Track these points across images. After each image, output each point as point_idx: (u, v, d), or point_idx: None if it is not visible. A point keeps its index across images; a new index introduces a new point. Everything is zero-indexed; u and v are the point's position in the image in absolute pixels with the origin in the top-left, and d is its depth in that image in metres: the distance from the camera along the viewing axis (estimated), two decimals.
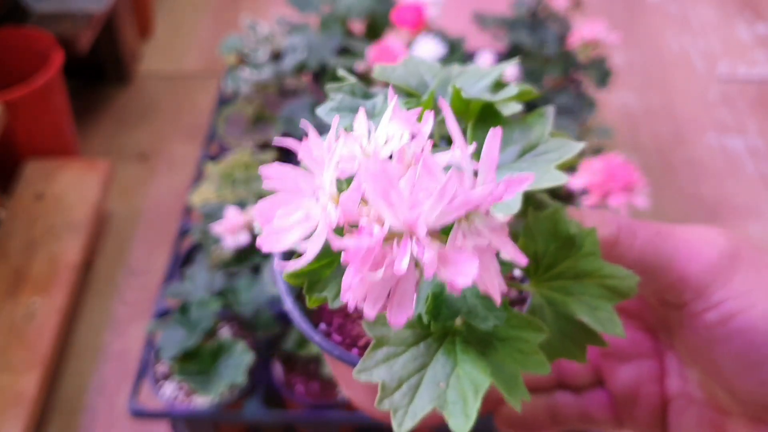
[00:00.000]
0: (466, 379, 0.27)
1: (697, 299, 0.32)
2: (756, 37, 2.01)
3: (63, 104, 1.46)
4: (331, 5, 1.35)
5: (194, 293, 0.99)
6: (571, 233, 0.30)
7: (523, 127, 0.30)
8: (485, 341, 0.28)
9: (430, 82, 0.34)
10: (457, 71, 0.35)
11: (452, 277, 0.23)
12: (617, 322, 0.29)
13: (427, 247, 0.22)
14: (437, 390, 0.27)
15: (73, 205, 1.32)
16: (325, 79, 1.27)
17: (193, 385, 0.93)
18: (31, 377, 1.07)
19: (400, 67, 0.35)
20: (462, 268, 0.23)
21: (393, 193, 0.23)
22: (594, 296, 0.30)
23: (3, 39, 1.46)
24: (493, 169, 0.24)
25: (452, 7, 1.52)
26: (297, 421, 1.00)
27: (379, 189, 0.23)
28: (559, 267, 0.30)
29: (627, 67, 1.87)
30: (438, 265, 0.23)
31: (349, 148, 0.26)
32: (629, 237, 0.32)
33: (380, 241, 0.23)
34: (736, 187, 1.58)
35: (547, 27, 1.40)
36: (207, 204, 1.12)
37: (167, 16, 2.06)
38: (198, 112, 1.71)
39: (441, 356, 0.28)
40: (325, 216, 0.24)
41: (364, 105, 0.32)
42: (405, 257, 0.22)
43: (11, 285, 1.19)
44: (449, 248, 0.23)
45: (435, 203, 0.22)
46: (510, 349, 0.28)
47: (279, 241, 0.25)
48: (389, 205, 0.23)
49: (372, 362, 0.29)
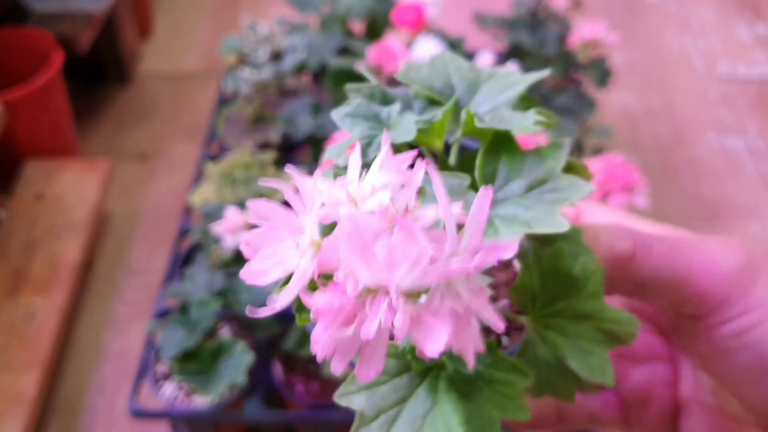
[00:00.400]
0: (441, 421, 0.27)
1: (714, 313, 0.32)
2: (756, 37, 2.01)
3: (63, 104, 1.46)
4: (331, 5, 1.35)
5: (194, 293, 0.99)
6: (573, 273, 0.29)
7: (536, 157, 0.29)
8: (470, 380, 0.28)
9: (457, 84, 0.33)
10: (486, 74, 0.34)
11: (422, 342, 0.22)
12: (608, 371, 0.28)
13: (400, 311, 0.22)
14: (413, 427, 0.27)
15: (73, 205, 1.33)
16: (326, 79, 1.27)
17: (193, 385, 0.93)
18: (31, 377, 1.07)
19: (426, 67, 0.34)
20: (433, 335, 0.22)
21: (368, 252, 0.22)
22: (589, 340, 0.29)
23: (3, 39, 1.46)
24: (479, 232, 0.23)
25: (452, 7, 1.52)
26: (297, 421, 1.00)
27: (356, 246, 0.22)
28: (558, 305, 0.29)
29: (627, 67, 1.87)
30: (410, 327, 0.22)
31: (335, 193, 0.25)
32: (645, 252, 0.32)
33: (352, 300, 0.22)
34: (736, 187, 1.58)
35: (547, 27, 1.40)
36: (207, 204, 1.12)
37: (167, 16, 2.06)
38: (198, 112, 1.72)
39: (422, 392, 0.28)
40: (300, 269, 0.24)
41: (380, 112, 0.31)
42: (375, 321, 0.22)
43: (11, 285, 1.19)
44: (424, 311, 0.22)
45: (410, 269, 0.22)
46: (493, 391, 0.28)
47: (259, 279, 0.25)
48: (365, 263, 0.22)
49: (354, 387, 0.28)
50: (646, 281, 0.31)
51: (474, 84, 0.34)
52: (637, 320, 0.29)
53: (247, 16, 1.33)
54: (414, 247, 0.22)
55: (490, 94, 0.33)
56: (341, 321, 0.23)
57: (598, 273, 0.29)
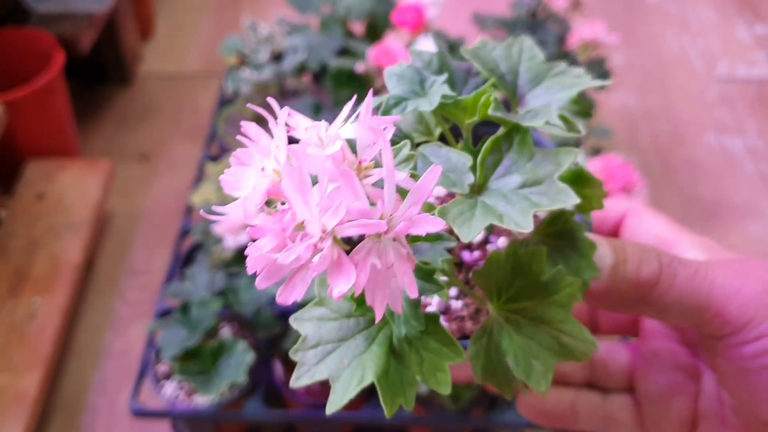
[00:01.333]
0: (360, 367, 0.29)
1: (736, 334, 0.32)
2: (755, 38, 2.01)
3: (64, 104, 1.46)
4: (332, 6, 1.36)
5: (195, 293, 0.99)
6: (543, 278, 0.30)
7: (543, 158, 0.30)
8: (407, 342, 0.30)
9: (522, 73, 0.34)
10: (557, 71, 0.34)
11: (333, 283, 0.24)
12: (546, 380, 0.29)
13: (325, 250, 0.24)
14: (340, 364, 0.29)
15: (74, 205, 1.33)
16: (326, 79, 1.27)
17: (194, 385, 0.93)
18: (33, 377, 1.07)
19: (500, 49, 0.35)
20: (343, 279, 0.24)
21: (306, 189, 0.24)
22: (542, 345, 0.30)
23: (4, 39, 1.46)
24: (419, 201, 0.25)
25: (452, 8, 1.52)
26: (297, 420, 1.00)
27: (295, 181, 0.24)
28: (523, 302, 0.30)
29: (626, 67, 1.87)
30: (329, 268, 0.24)
31: (309, 132, 0.26)
32: (669, 277, 0.32)
33: (287, 229, 0.24)
34: (735, 187, 1.58)
35: (547, 28, 1.41)
36: (208, 204, 1.13)
37: (168, 17, 2.07)
38: (199, 112, 1.72)
39: (360, 337, 0.30)
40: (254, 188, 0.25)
41: (427, 78, 0.32)
42: (293, 252, 0.24)
43: (12, 285, 1.19)
44: (345, 258, 0.24)
45: (336, 215, 0.24)
46: (420, 357, 0.29)
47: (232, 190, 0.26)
48: (301, 198, 0.24)
49: (307, 315, 0.31)
50: (669, 306, 0.32)
51: (539, 76, 0.34)
52: (595, 343, 0.30)
53: (248, 17, 1.33)
54: (351, 197, 0.24)
55: (549, 90, 0.33)
56: (273, 246, 0.24)
57: (572, 286, 0.30)
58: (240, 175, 0.26)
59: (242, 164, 0.27)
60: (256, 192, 0.25)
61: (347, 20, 1.35)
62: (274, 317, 1.01)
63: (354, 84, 1.26)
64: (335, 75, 1.26)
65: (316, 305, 0.31)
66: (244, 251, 0.25)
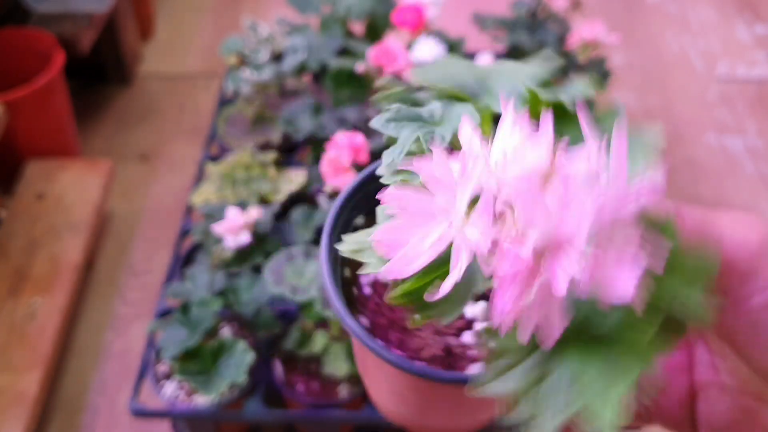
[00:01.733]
0: (590, 389, 0.25)
1: (744, 285, 0.31)
2: (755, 38, 2.01)
3: (64, 105, 1.47)
4: (332, 6, 1.36)
5: (195, 293, 0.99)
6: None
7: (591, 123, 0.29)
8: (597, 340, 0.26)
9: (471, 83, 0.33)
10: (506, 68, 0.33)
11: (608, 291, 0.22)
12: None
13: (584, 265, 0.21)
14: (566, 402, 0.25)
15: (74, 205, 1.33)
16: (326, 79, 1.28)
17: (194, 385, 0.93)
18: (32, 377, 1.07)
19: (434, 68, 0.34)
20: (620, 282, 0.21)
21: (542, 210, 0.22)
22: None
23: (4, 39, 1.46)
24: (624, 175, 0.23)
25: (452, 8, 1.52)
26: (297, 420, 1.00)
27: (529, 207, 0.22)
28: None
29: (626, 67, 1.87)
30: (594, 277, 0.22)
31: (478, 166, 0.24)
32: (678, 222, 0.31)
33: (530, 263, 0.22)
34: (735, 187, 1.58)
35: (547, 28, 1.41)
36: (208, 204, 1.13)
37: (168, 17, 2.07)
38: (199, 112, 1.72)
39: (557, 366, 0.26)
40: (465, 241, 0.23)
41: (421, 112, 0.31)
42: (562, 277, 0.21)
43: (12, 285, 1.19)
44: (599, 263, 0.22)
45: (589, 217, 0.21)
46: (624, 348, 0.26)
47: (409, 265, 0.24)
48: (540, 222, 0.22)
49: (490, 375, 0.26)
50: None
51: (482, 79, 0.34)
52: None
53: (248, 17, 1.33)
54: (579, 198, 0.22)
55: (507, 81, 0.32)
56: (521, 285, 0.22)
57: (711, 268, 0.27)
58: (420, 243, 0.23)
59: (395, 243, 0.24)
60: (475, 243, 0.22)
61: (347, 20, 1.35)
62: (274, 317, 1.01)
63: (354, 84, 1.27)
64: (335, 75, 1.26)
65: (495, 359, 0.27)
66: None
